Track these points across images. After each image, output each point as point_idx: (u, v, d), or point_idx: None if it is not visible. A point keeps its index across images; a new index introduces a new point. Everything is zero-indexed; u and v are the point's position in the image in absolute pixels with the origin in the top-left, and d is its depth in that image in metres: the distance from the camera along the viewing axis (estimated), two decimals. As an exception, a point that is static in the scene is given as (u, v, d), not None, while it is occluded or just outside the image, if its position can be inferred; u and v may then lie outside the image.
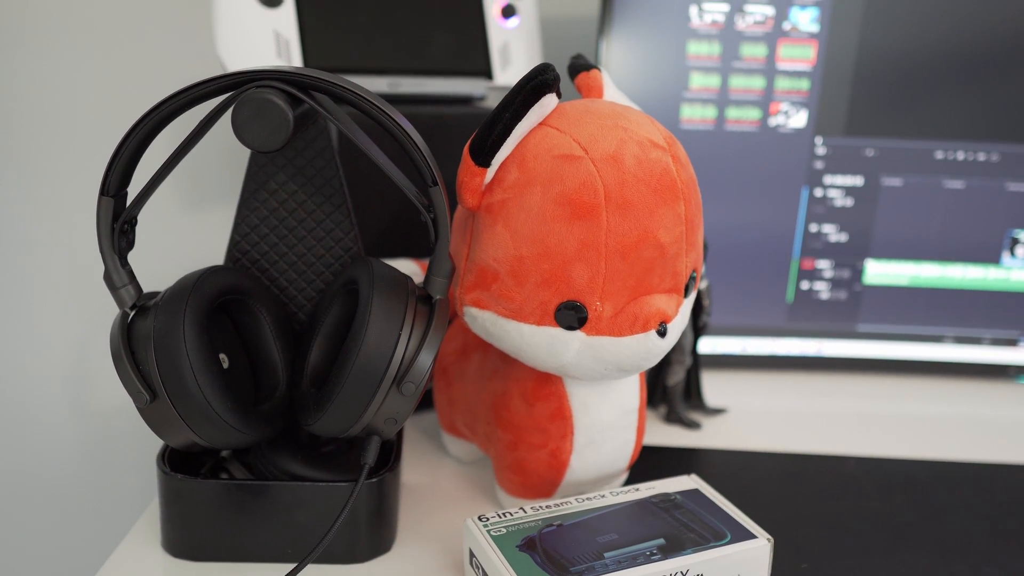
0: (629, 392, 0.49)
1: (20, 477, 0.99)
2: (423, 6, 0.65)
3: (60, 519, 1.00)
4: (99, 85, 0.85)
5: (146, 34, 0.84)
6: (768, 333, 0.75)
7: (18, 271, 0.91)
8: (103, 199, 0.42)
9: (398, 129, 0.42)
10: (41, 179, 0.89)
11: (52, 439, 0.97)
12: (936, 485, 0.58)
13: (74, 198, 0.89)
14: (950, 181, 0.71)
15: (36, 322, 0.93)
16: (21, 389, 0.95)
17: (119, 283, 0.43)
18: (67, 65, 0.85)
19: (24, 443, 0.97)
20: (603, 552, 0.42)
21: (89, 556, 1.02)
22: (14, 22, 0.84)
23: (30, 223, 0.90)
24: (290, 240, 0.49)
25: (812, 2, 0.68)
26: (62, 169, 0.88)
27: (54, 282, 0.92)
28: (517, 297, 0.43)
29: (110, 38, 0.84)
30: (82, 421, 0.96)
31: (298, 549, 0.46)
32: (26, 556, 1.01)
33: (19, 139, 0.87)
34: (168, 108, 0.41)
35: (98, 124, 0.87)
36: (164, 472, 0.45)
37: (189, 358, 0.41)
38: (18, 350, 0.94)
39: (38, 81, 0.85)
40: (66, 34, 0.84)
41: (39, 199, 0.89)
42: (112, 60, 0.85)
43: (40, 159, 0.88)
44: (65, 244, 0.90)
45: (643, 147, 0.42)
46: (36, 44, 0.84)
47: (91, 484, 0.98)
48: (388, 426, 0.43)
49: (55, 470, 0.98)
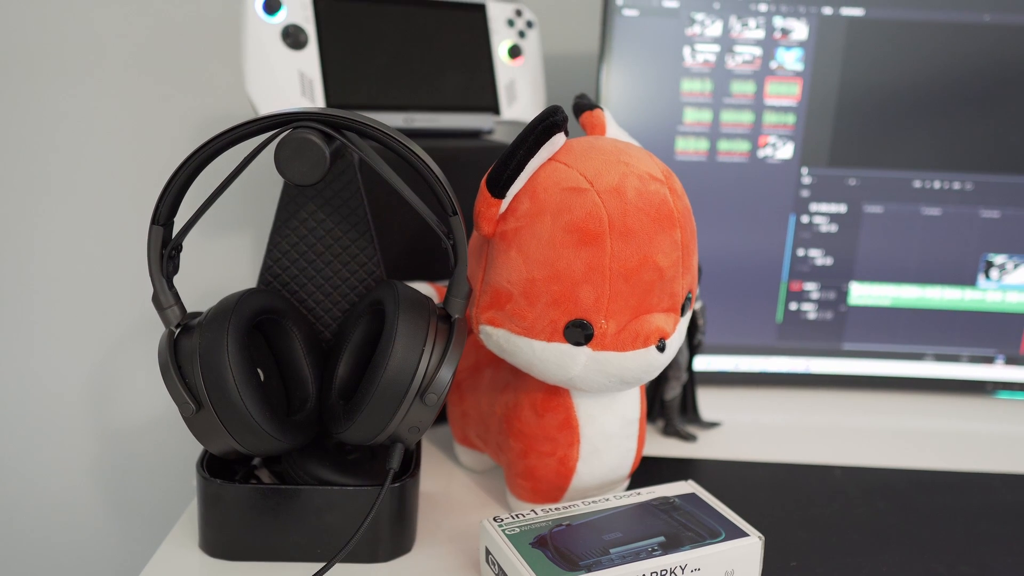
0: (631, 404, 0.53)
1: (36, 492, 1.02)
2: (435, 47, 0.70)
3: (85, 530, 1.03)
4: (132, 113, 0.90)
5: (179, 70, 0.89)
6: (759, 351, 0.79)
7: (40, 289, 0.95)
8: (153, 227, 0.46)
9: (422, 165, 0.46)
10: (67, 201, 0.93)
11: (72, 454, 1.00)
12: (916, 491, 0.62)
13: (101, 221, 0.93)
14: (927, 208, 0.76)
15: (56, 340, 0.97)
16: (42, 406, 0.99)
17: (166, 304, 0.47)
18: (113, 100, 0.89)
19: (42, 458, 1.01)
20: (609, 548, 0.46)
21: (109, 564, 1.05)
22: (53, 57, 0.88)
23: (53, 242, 0.94)
24: (318, 264, 0.54)
25: (796, 43, 0.73)
26: (89, 193, 0.93)
27: (74, 300, 0.96)
28: (529, 316, 0.47)
29: (141, 73, 0.89)
30: (102, 437, 1.00)
31: (327, 549, 0.50)
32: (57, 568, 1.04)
33: (51, 166, 0.92)
34: (215, 145, 0.45)
35: (132, 154, 0.91)
36: (204, 478, 0.49)
37: (232, 372, 0.45)
38: (38, 368, 0.97)
39: (80, 110, 0.90)
40: (106, 70, 0.88)
41: (65, 219, 0.93)
42: (144, 95, 0.89)
43: (68, 184, 0.92)
44: (86, 264, 0.94)
45: (643, 180, 0.47)
46: (79, 78, 0.89)
47: (112, 498, 1.02)
48: (411, 434, 0.47)
49: (74, 484, 1.01)
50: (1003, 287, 0.78)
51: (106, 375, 0.98)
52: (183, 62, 0.88)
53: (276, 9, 0.63)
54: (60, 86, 0.89)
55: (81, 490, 1.01)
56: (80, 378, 0.98)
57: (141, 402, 0.99)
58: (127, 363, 0.97)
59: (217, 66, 0.88)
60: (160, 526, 1.03)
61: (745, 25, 0.72)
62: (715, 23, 0.72)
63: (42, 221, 0.93)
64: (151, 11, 0.87)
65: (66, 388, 0.98)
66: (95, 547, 1.04)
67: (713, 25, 0.72)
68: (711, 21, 0.72)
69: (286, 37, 0.63)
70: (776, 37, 0.73)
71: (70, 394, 0.98)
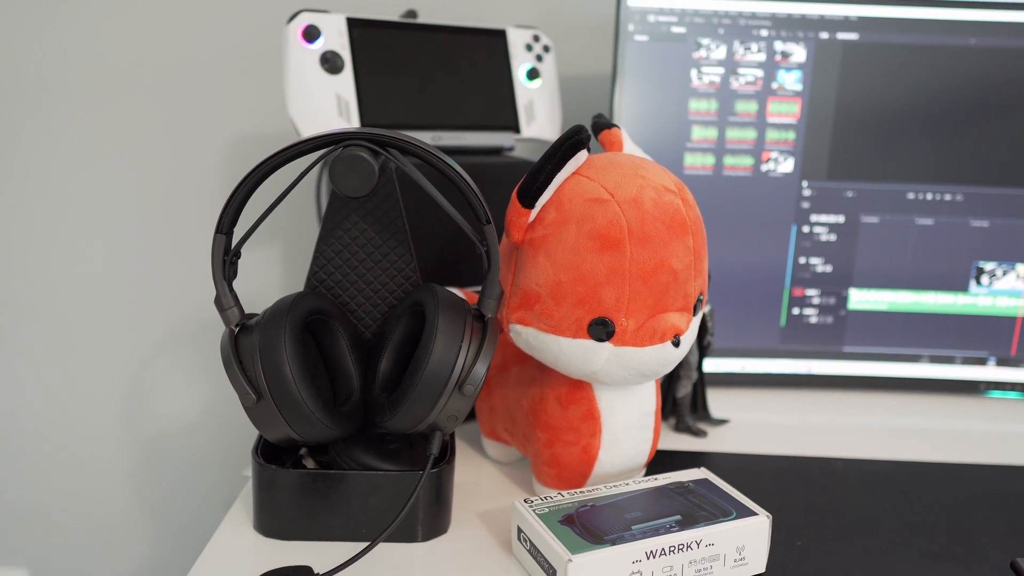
0: (648, 397, 0.58)
1: (74, 494, 1.06)
2: (460, 71, 0.75)
3: (120, 529, 1.07)
4: (171, 131, 0.95)
5: (211, 93, 0.94)
6: (764, 354, 0.84)
7: (78, 297, 1.00)
8: (217, 236, 0.51)
9: (459, 178, 0.51)
10: (106, 212, 0.98)
11: (108, 457, 1.05)
12: (911, 481, 0.66)
13: (139, 231, 0.98)
14: (921, 218, 0.81)
15: (93, 346, 1.02)
16: (80, 410, 1.03)
17: (227, 305, 0.52)
18: (153, 120, 0.95)
19: (80, 461, 1.05)
20: (630, 525, 0.51)
21: (143, 561, 1.09)
22: (96, 78, 0.94)
23: (92, 250, 0.99)
24: (360, 270, 0.59)
25: (796, 65, 0.78)
26: (126, 204, 0.98)
27: (111, 307, 1.01)
28: (556, 315, 0.52)
29: (176, 94, 0.94)
30: (138, 441, 1.04)
31: (371, 529, 0.54)
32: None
33: (90, 179, 0.97)
34: (274, 161, 0.50)
35: (167, 170, 0.97)
36: (259, 464, 0.54)
37: (289, 365, 0.50)
38: (76, 374, 1.02)
39: (122, 129, 0.95)
40: (143, 91, 0.94)
41: (104, 229, 0.99)
42: (179, 115, 0.95)
43: (106, 195, 0.98)
44: (123, 272, 0.99)
45: (658, 191, 0.52)
46: (117, 97, 0.94)
47: (148, 498, 1.06)
48: (450, 423, 0.52)
49: (110, 486, 1.06)
50: (993, 292, 0.82)
51: (142, 380, 1.03)
52: (214, 85, 0.94)
53: (315, 37, 0.69)
54: (101, 105, 0.94)
55: (117, 491, 1.06)
56: (117, 383, 1.02)
57: (176, 406, 1.03)
58: (162, 369, 1.02)
59: (247, 89, 0.94)
60: (195, 523, 1.07)
61: (748, 49, 0.77)
62: (720, 47, 0.77)
63: (82, 231, 0.98)
64: (184, 38, 0.93)
65: (103, 393, 1.03)
66: (130, 545, 1.08)
67: (718, 49, 0.77)
68: (716, 45, 0.77)
69: (324, 63, 0.69)
70: (777, 60, 0.78)
71: (107, 399, 1.03)
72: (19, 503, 1.06)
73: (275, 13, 0.92)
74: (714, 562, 0.51)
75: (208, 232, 0.98)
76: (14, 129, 0.95)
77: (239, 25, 0.92)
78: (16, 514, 1.07)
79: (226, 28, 0.92)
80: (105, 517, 1.07)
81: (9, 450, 1.04)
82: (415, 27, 0.74)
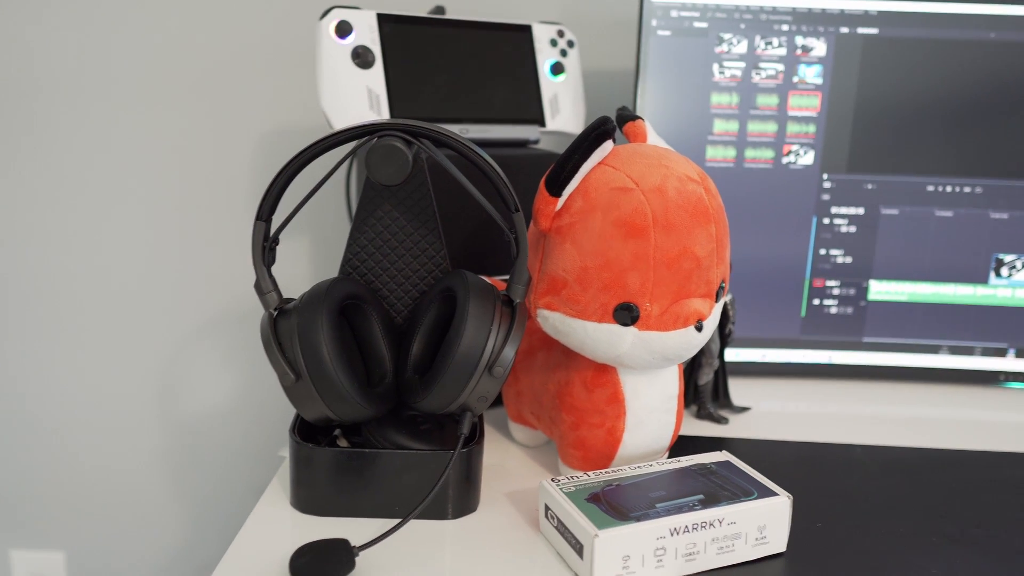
0: (671, 381, 0.60)
1: (109, 478, 1.09)
2: (487, 66, 0.77)
3: (153, 511, 1.10)
4: (201, 125, 0.98)
5: (237, 88, 0.97)
6: (784, 344, 0.86)
7: (113, 286, 1.03)
8: (258, 223, 0.53)
9: (489, 168, 0.53)
10: (139, 203, 1.01)
11: (142, 443, 1.08)
12: (929, 467, 0.68)
13: (173, 222, 1.01)
14: (941, 211, 0.82)
15: (125, 340, 1.05)
16: (114, 397, 1.06)
17: (266, 289, 0.54)
18: (182, 115, 0.97)
19: (115, 447, 1.08)
20: (655, 503, 0.52)
21: (175, 543, 1.12)
22: (129, 76, 0.97)
23: (126, 241, 1.02)
24: (392, 257, 0.61)
25: (816, 59, 0.79)
26: (156, 194, 1.01)
27: (143, 298, 1.03)
28: (583, 300, 0.54)
29: (203, 89, 0.97)
30: (169, 426, 1.07)
31: (403, 506, 0.56)
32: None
33: (121, 172, 1.00)
34: (313, 151, 0.52)
35: (199, 163, 0.99)
36: (296, 442, 0.56)
37: (326, 347, 0.52)
38: (112, 361, 1.05)
39: (153, 125, 0.98)
40: (172, 88, 0.97)
41: (139, 220, 1.01)
42: (208, 109, 0.97)
43: (135, 186, 1.00)
44: (157, 261, 1.02)
45: (682, 181, 0.54)
46: (145, 95, 0.97)
47: (179, 482, 1.09)
48: (480, 403, 0.54)
49: (144, 470, 1.09)
50: (1013, 284, 0.83)
51: (175, 367, 1.05)
52: (247, 80, 0.96)
53: (347, 33, 0.71)
54: (138, 99, 0.97)
55: (151, 476, 1.09)
56: (151, 370, 1.05)
57: (208, 392, 1.06)
58: (195, 356, 1.05)
59: (277, 84, 0.96)
60: (227, 506, 1.10)
61: (769, 43, 0.79)
62: (741, 42, 0.79)
63: (119, 220, 1.01)
64: (217, 35, 0.95)
65: (138, 380, 1.06)
66: (163, 528, 1.11)
67: (740, 44, 0.79)
68: (738, 40, 0.79)
69: (355, 57, 0.71)
70: (797, 54, 0.79)
71: (141, 385, 1.06)
72: (56, 488, 1.10)
73: (306, 10, 0.94)
74: (736, 540, 0.53)
75: (240, 222, 1.00)
76: (56, 123, 0.98)
77: (270, 22, 0.95)
78: (53, 499, 1.10)
79: (257, 25, 0.95)
80: (139, 501, 1.10)
81: (46, 436, 1.08)
82: (443, 22, 0.76)
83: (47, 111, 0.97)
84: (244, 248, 1.01)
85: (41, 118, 0.98)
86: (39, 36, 0.95)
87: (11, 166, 0.99)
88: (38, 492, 1.10)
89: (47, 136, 0.98)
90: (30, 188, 1.00)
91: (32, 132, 0.98)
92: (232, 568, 0.51)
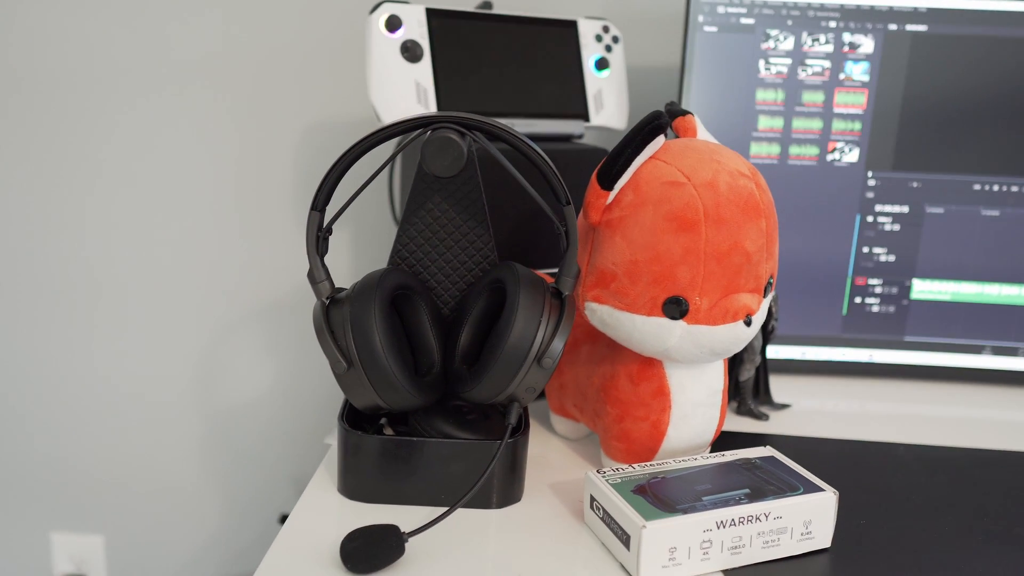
0: (716, 375, 0.60)
1: (146, 470, 1.11)
2: (532, 61, 0.78)
3: (191, 504, 1.12)
4: (240, 119, 0.99)
5: (279, 82, 0.98)
6: (825, 342, 0.85)
7: (153, 275, 1.05)
8: (312, 213, 0.54)
9: (541, 161, 0.54)
10: (177, 197, 1.03)
11: (180, 436, 1.10)
12: (974, 466, 0.67)
13: (210, 216, 1.02)
14: (987, 209, 0.82)
15: (166, 329, 1.06)
16: (153, 384, 1.08)
17: (319, 279, 0.55)
18: (222, 109, 0.99)
19: (152, 439, 1.10)
20: (701, 496, 0.52)
21: (212, 536, 1.13)
22: (175, 71, 0.98)
23: (167, 230, 1.04)
24: (440, 248, 0.61)
25: (863, 56, 0.79)
26: (194, 189, 1.02)
27: (181, 292, 1.05)
28: (632, 293, 0.54)
29: (242, 84, 0.98)
30: (207, 414, 1.09)
31: (449, 495, 0.57)
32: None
33: (162, 167, 1.01)
34: (367, 143, 0.53)
35: (237, 157, 1.01)
36: (345, 429, 0.57)
37: (379, 336, 0.53)
38: (151, 349, 1.07)
39: (196, 118, 0.99)
40: (209, 82, 0.98)
41: (177, 215, 1.03)
42: (250, 103, 0.99)
43: (174, 181, 1.02)
44: (197, 250, 1.04)
45: (733, 176, 0.54)
46: (185, 89, 0.99)
47: (214, 468, 1.11)
48: (528, 394, 0.55)
49: (183, 454, 1.11)
50: (1059, 285, 0.82)
51: (213, 355, 1.07)
52: (292, 73, 0.98)
53: (397, 27, 0.71)
54: (185, 92, 0.99)
55: (189, 462, 1.11)
56: (189, 359, 1.07)
57: (245, 381, 1.08)
58: (233, 344, 1.06)
59: (323, 77, 0.97)
60: (263, 494, 1.12)
61: (816, 40, 0.78)
62: (788, 38, 0.78)
63: (161, 210, 1.03)
64: (265, 28, 0.96)
65: (176, 368, 1.08)
66: (201, 514, 1.13)
67: (786, 40, 0.79)
68: (784, 36, 0.78)
69: (404, 51, 0.72)
70: (845, 51, 0.79)
71: (180, 374, 1.08)
72: (95, 473, 1.12)
73: (353, 4, 0.95)
74: (781, 535, 0.53)
75: (282, 212, 1.02)
76: (104, 117, 1.00)
77: (316, 15, 0.96)
78: (93, 483, 1.12)
79: (303, 18, 0.96)
80: (178, 487, 1.12)
81: (86, 422, 1.10)
82: (490, 17, 0.76)
83: (95, 104, 0.99)
84: (285, 237, 1.03)
85: (89, 111, 0.99)
86: (92, 30, 0.97)
87: (60, 159, 1.01)
88: (79, 476, 1.12)
89: (94, 129, 1.00)
90: (78, 180, 1.02)
91: (80, 125, 1.00)
92: (284, 552, 0.52)
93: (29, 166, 1.02)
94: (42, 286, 1.05)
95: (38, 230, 1.04)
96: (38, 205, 1.03)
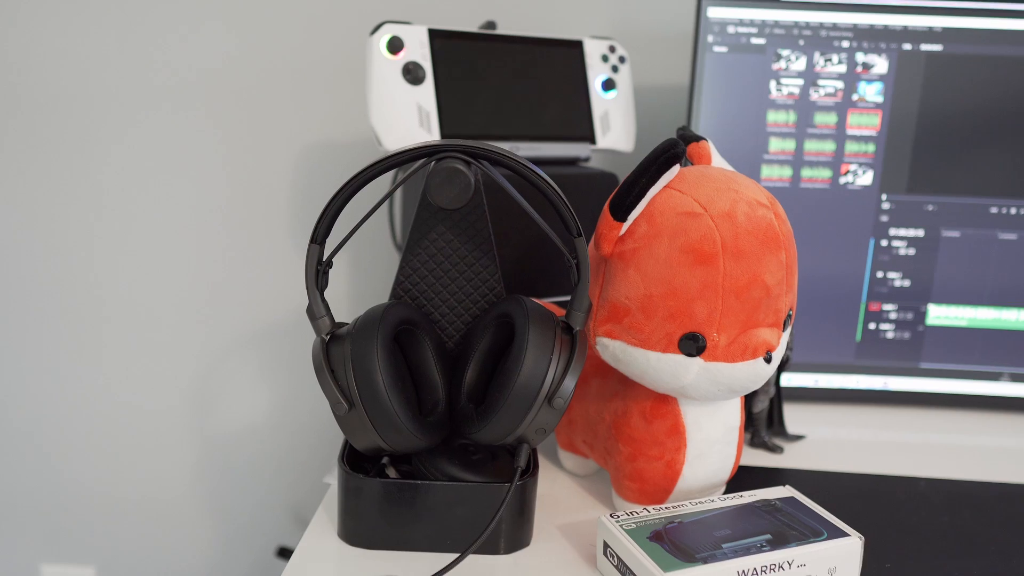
0: (733, 412, 0.58)
1: (142, 494, 1.08)
2: (537, 82, 0.75)
3: (185, 529, 1.09)
4: (238, 141, 0.97)
5: (274, 103, 0.96)
6: (838, 369, 0.83)
7: (149, 300, 1.02)
8: (312, 246, 0.52)
9: (550, 190, 0.51)
10: (183, 216, 1.00)
11: (175, 460, 1.07)
12: (1000, 502, 0.65)
13: (208, 240, 1.00)
14: (1004, 233, 0.79)
15: (159, 357, 1.04)
16: (146, 414, 1.06)
17: (319, 314, 0.52)
18: (220, 130, 0.96)
19: (148, 463, 1.07)
20: (721, 543, 0.50)
21: (205, 561, 1.11)
22: (171, 90, 0.96)
23: (165, 254, 1.01)
24: (445, 280, 0.59)
25: (877, 76, 0.77)
26: (191, 212, 1.00)
27: (177, 315, 1.02)
28: (646, 328, 0.52)
29: (240, 104, 0.96)
30: (201, 444, 1.06)
31: (455, 540, 0.54)
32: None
33: (160, 188, 0.99)
34: (368, 174, 0.51)
35: (235, 180, 0.98)
36: (346, 471, 0.54)
37: (381, 376, 0.50)
38: (145, 377, 1.04)
39: (197, 139, 0.97)
40: (207, 104, 0.96)
41: (180, 233, 1.00)
42: (246, 124, 0.96)
43: (170, 203, 1.00)
44: (195, 275, 1.01)
45: (751, 206, 0.51)
46: (184, 109, 0.96)
47: (211, 499, 1.08)
48: (538, 435, 0.52)
49: (177, 485, 1.08)
50: (1079, 310, 0.80)
51: (208, 384, 1.04)
52: (291, 94, 0.95)
53: (398, 48, 0.69)
54: (182, 112, 0.96)
55: (182, 493, 1.08)
56: (184, 388, 1.04)
57: (242, 411, 1.05)
58: (229, 373, 1.04)
59: (322, 99, 0.95)
60: (256, 525, 1.09)
61: (828, 60, 0.76)
62: (800, 59, 0.76)
63: (160, 234, 1.00)
64: (263, 48, 0.94)
65: (171, 397, 1.05)
66: (193, 546, 1.10)
67: (798, 60, 0.76)
68: (796, 57, 0.76)
69: (406, 74, 0.69)
70: (858, 71, 0.77)
71: (174, 403, 1.05)
72: (87, 503, 1.09)
73: (352, 24, 0.92)
74: (805, 583, 0.50)
75: (279, 238, 0.99)
76: (100, 133, 0.97)
77: (316, 35, 0.93)
78: (84, 513, 1.09)
79: (303, 39, 0.94)
80: (171, 518, 1.09)
81: (78, 452, 1.07)
82: (494, 38, 0.74)
83: (89, 125, 0.97)
84: (283, 264, 1.00)
85: (85, 130, 0.97)
86: (87, 50, 0.95)
87: (53, 178, 0.99)
88: (70, 506, 1.09)
89: (88, 148, 0.98)
90: (72, 201, 0.99)
91: (75, 148, 0.98)
92: (282, 603, 0.49)
93: (24, 189, 0.99)
94: (33, 313, 1.03)
95: (26, 256, 1.01)
96: (30, 230, 1.00)
